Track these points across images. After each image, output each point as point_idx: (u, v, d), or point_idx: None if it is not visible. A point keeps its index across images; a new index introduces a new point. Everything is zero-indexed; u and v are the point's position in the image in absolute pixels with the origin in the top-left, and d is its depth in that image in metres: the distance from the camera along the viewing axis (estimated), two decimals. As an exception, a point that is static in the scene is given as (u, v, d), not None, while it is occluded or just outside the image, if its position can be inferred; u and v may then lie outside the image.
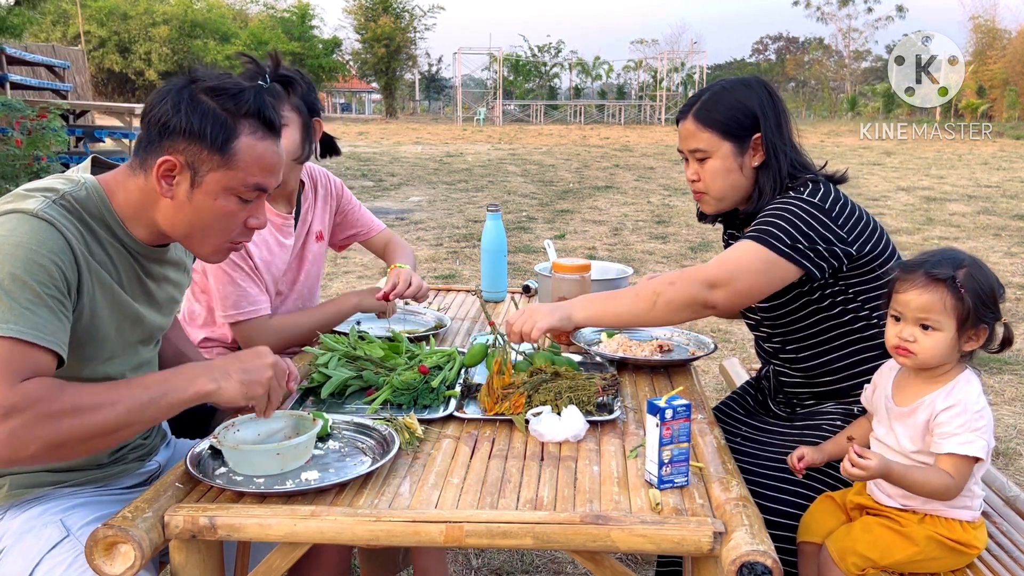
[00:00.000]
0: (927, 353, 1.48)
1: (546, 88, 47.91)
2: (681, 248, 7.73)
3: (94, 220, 1.36)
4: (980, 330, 1.46)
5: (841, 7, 51.74)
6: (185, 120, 1.32)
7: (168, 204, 1.37)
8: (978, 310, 1.44)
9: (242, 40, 37.03)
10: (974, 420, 1.44)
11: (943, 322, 1.45)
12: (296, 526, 1.19)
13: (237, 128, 1.34)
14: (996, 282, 1.47)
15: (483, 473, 1.38)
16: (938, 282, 1.45)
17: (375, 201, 10.82)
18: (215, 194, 1.36)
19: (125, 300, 1.41)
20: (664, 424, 1.30)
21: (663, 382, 1.84)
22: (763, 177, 1.80)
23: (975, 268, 1.46)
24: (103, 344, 1.39)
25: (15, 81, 11.02)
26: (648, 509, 1.25)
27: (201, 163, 1.34)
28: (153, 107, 1.35)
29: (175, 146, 1.33)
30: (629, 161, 17.33)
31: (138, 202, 1.39)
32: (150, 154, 1.35)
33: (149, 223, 1.41)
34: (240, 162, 1.35)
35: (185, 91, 1.34)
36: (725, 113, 1.79)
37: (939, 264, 1.47)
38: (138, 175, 1.37)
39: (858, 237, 1.72)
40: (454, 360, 1.83)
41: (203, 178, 1.34)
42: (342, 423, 1.53)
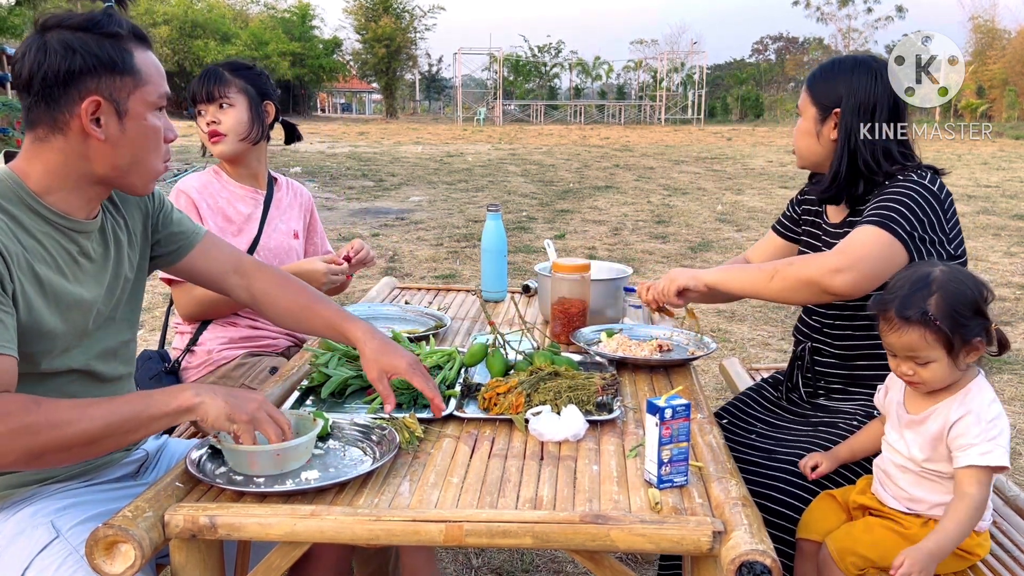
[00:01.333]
0: (931, 381, 1.48)
1: (546, 88, 47.94)
2: (681, 248, 7.73)
3: (14, 206, 1.32)
4: (974, 344, 1.44)
5: (841, 7, 51.73)
6: (88, 58, 1.29)
7: (102, 147, 1.33)
8: (962, 330, 1.42)
9: (242, 40, 37.04)
10: (989, 429, 1.42)
11: (932, 355, 1.45)
12: (296, 526, 1.19)
13: (129, 48, 1.34)
14: (976, 291, 1.44)
15: (483, 472, 1.38)
16: (912, 323, 1.43)
17: (375, 201, 10.83)
18: (142, 115, 1.35)
19: (64, 287, 1.36)
20: (663, 424, 1.30)
21: (663, 382, 1.84)
22: (839, 153, 1.84)
23: (946, 290, 1.43)
24: (53, 338, 1.35)
25: (15, 81, 11.03)
26: (647, 508, 1.26)
27: (119, 91, 1.32)
28: (39, 65, 1.28)
29: (87, 88, 1.30)
30: (629, 161, 17.33)
31: (62, 168, 1.34)
32: (61, 111, 1.30)
33: (77, 186, 1.37)
34: (147, 76, 1.36)
35: (58, 36, 1.29)
36: (823, 80, 1.89)
37: (908, 302, 1.44)
38: (53, 140, 1.32)
39: (955, 237, 1.76)
40: (454, 360, 1.83)
41: (127, 105, 1.33)
42: (342, 422, 1.53)
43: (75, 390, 1.42)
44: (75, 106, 1.30)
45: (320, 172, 14.14)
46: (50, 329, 1.34)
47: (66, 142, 1.33)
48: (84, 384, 1.44)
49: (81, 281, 1.41)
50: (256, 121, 2.26)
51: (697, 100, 42.87)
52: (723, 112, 46.32)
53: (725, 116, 45.45)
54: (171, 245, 1.64)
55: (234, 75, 2.23)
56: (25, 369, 1.32)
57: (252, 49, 36.41)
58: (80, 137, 1.32)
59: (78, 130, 1.32)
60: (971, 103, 35.51)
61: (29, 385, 1.34)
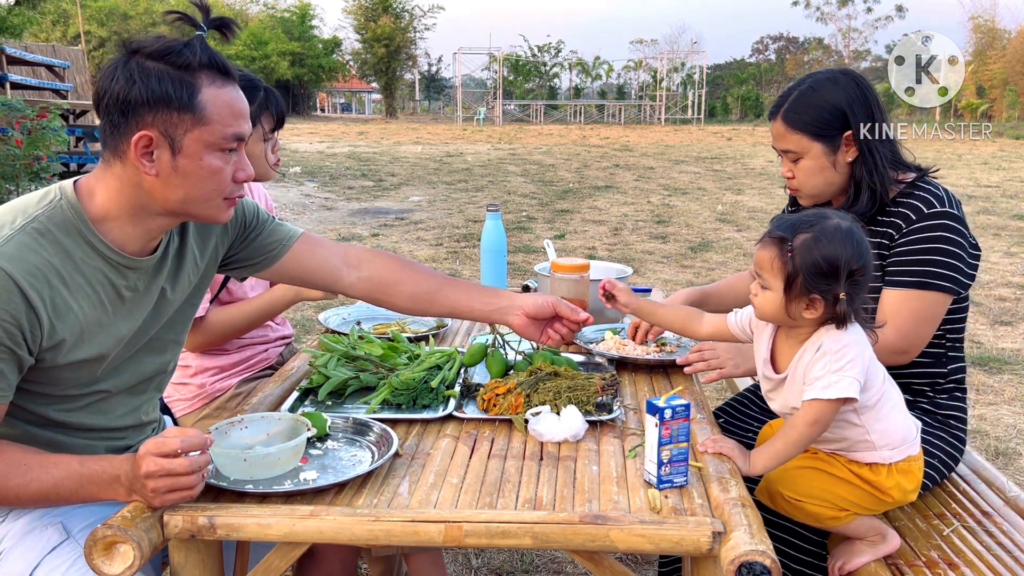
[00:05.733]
0: (759, 308, 1.49)
1: (546, 88, 47.92)
2: (681, 248, 7.72)
3: (68, 237, 1.30)
4: (813, 299, 1.41)
5: (841, 7, 51.78)
6: (144, 90, 1.25)
7: (155, 182, 1.29)
8: (808, 279, 1.39)
9: (242, 40, 37.02)
10: (834, 362, 1.41)
11: (771, 281, 1.44)
12: (295, 526, 1.19)
13: (196, 83, 1.27)
14: (845, 255, 1.39)
15: (482, 473, 1.38)
16: (773, 242, 1.44)
17: (375, 201, 10.83)
18: (199, 155, 1.29)
19: (101, 322, 1.35)
20: (663, 424, 1.30)
21: (663, 382, 1.84)
22: (859, 171, 1.80)
23: (819, 237, 1.40)
24: (82, 370, 1.35)
25: (15, 81, 11.02)
26: (647, 509, 1.25)
27: (175, 128, 1.27)
28: (106, 90, 1.27)
29: (143, 120, 1.26)
30: (629, 161, 17.33)
31: (120, 195, 1.32)
32: (120, 139, 1.28)
33: (135, 216, 1.34)
34: (212, 115, 1.28)
35: (131, 63, 1.26)
36: (813, 114, 1.78)
37: (785, 225, 1.45)
38: (114, 165, 1.30)
39: (975, 259, 1.79)
40: (454, 360, 1.83)
41: (182, 142, 1.28)
42: (340, 423, 1.53)
43: (103, 407, 1.44)
44: (131, 136, 1.27)
45: (319, 172, 14.14)
46: (79, 366, 1.35)
47: (123, 170, 1.30)
48: (111, 401, 1.45)
49: (121, 315, 1.39)
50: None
51: (697, 100, 42.87)
52: (723, 112, 46.31)
53: (725, 116, 45.44)
54: (259, 255, 1.62)
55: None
56: (43, 390, 1.33)
57: (251, 49, 36.42)
58: (135, 168, 1.29)
59: (133, 161, 1.29)
60: (971, 103, 35.51)
61: (46, 403, 1.36)
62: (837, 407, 1.43)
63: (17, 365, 1.26)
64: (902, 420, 1.54)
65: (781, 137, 1.83)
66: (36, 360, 1.29)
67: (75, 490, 1.26)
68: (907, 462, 1.54)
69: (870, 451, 1.52)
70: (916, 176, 1.82)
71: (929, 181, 1.81)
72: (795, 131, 1.79)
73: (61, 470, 1.26)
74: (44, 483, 1.25)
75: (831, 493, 1.53)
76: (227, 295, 2.15)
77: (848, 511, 1.55)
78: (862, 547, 1.57)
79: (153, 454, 1.18)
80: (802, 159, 1.81)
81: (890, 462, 1.52)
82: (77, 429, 1.41)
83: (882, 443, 1.51)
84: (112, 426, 1.46)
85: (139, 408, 1.52)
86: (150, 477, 1.17)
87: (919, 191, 1.77)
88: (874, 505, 1.55)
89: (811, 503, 1.54)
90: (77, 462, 1.27)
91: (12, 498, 1.27)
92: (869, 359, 1.45)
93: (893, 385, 1.55)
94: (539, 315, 1.66)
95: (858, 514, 1.56)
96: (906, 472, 1.54)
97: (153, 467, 1.17)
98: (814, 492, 1.54)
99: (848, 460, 1.54)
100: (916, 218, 1.74)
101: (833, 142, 1.78)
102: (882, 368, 1.52)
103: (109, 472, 1.24)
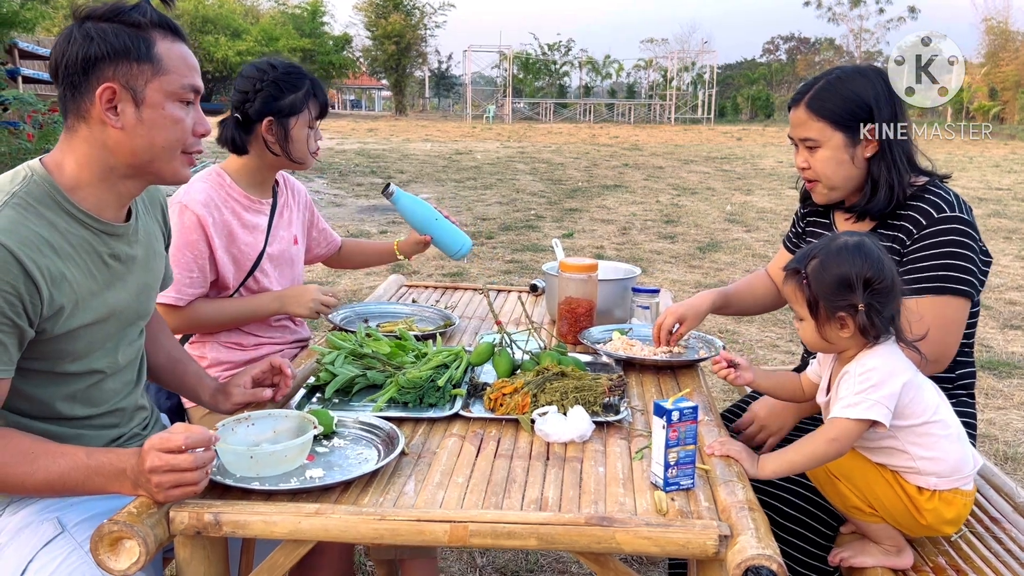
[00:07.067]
0: (804, 340, 1.54)
1: (556, 86, 47.85)
2: (690, 248, 7.70)
3: (50, 211, 1.32)
4: (840, 318, 1.44)
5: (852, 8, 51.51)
6: (103, 45, 1.30)
7: (120, 136, 1.33)
8: (827, 300, 1.44)
9: (253, 36, 37.10)
10: (858, 384, 1.43)
11: (801, 312, 1.50)
12: (301, 524, 1.19)
13: (151, 37, 1.34)
14: (856, 269, 1.42)
15: (488, 473, 1.37)
16: (790, 275, 1.50)
17: (383, 198, 10.82)
18: (161, 103, 1.34)
19: (93, 293, 1.38)
20: (671, 426, 1.29)
21: (670, 383, 1.83)
22: (876, 168, 1.79)
23: (829, 257, 1.45)
24: (78, 342, 1.37)
25: (27, 75, 11.06)
26: (653, 511, 1.25)
27: (136, 79, 1.32)
28: (63, 55, 1.31)
29: (104, 75, 1.31)
30: (638, 160, 17.30)
31: (89, 159, 1.35)
32: (82, 99, 1.32)
33: (105, 179, 1.37)
34: (169, 66, 1.34)
35: (85, 25, 1.32)
36: (839, 103, 1.76)
37: (798, 257, 1.51)
38: (79, 129, 1.34)
39: (986, 264, 1.78)
40: (461, 359, 1.82)
41: (144, 93, 1.33)
42: (347, 420, 1.53)
43: (92, 394, 1.44)
44: (94, 92, 1.31)
45: (329, 168, 14.16)
46: (76, 335, 1.36)
47: (89, 131, 1.34)
48: (104, 384, 1.46)
49: (111, 285, 1.42)
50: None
51: (707, 99, 42.76)
52: (733, 112, 46.19)
53: (735, 116, 45.32)
54: None
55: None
56: (45, 368, 1.34)
57: (262, 45, 36.46)
58: (100, 125, 1.33)
59: (98, 118, 1.33)
60: (983, 105, 35.30)
61: (46, 384, 1.36)
62: (858, 428, 1.42)
63: (18, 338, 1.27)
64: (957, 451, 1.50)
65: (802, 125, 1.81)
66: (37, 332, 1.29)
67: (82, 482, 1.26)
68: (953, 492, 1.50)
69: (917, 475, 1.49)
70: (927, 181, 1.80)
71: (939, 185, 1.79)
72: (818, 118, 1.78)
73: (68, 460, 1.26)
74: (51, 472, 1.26)
75: (870, 489, 1.51)
76: (254, 283, 2.17)
77: (876, 514, 1.52)
78: (873, 550, 1.56)
79: (157, 449, 1.18)
80: (820, 148, 1.79)
81: (936, 489, 1.50)
82: (70, 419, 1.42)
83: (930, 470, 1.49)
84: (103, 411, 1.47)
85: (130, 393, 1.54)
86: (154, 472, 1.18)
87: (929, 195, 1.76)
88: (905, 520, 1.52)
89: (847, 486, 1.52)
90: (84, 453, 1.27)
91: (16, 485, 1.27)
92: (906, 384, 1.43)
93: (951, 413, 1.52)
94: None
95: (885, 520, 1.53)
96: (948, 502, 1.50)
97: (157, 462, 1.18)
98: (855, 478, 1.51)
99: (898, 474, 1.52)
100: (926, 223, 1.73)
101: (854, 135, 1.77)
102: (935, 396, 1.50)
103: (116, 465, 1.25)
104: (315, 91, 2.13)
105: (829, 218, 1.98)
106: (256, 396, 1.64)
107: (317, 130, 2.19)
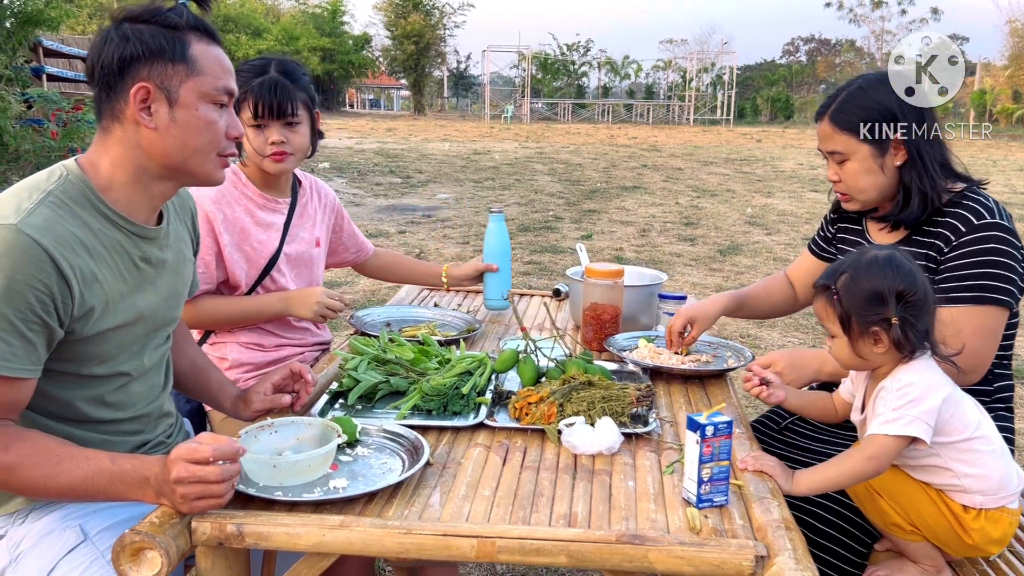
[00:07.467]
0: (836, 358, 1.50)
1: (574, 87, 47.79)
2: (710, 251, 7.64)
3: (84, 210, 1.32)
4: (874, 333, 1.41)
5: (874, 9, 51.09)
6: (139, 45, 1.30)
7: (153, 136, 1.33)
8: (859, 315, 1.41)
9: (273, 35, 37.32)
10: (895, 399, 1.39)
11: (833, 329, 1.47)
12: (324, 536, 1.17)
13: (186, 39, 1.34)
14: (888, 282, 1.39)
15: (515, 485, 1.34)
16: (820, 291, 1.48)
17: (402, 198, 10.84)
18: (194, 104, 1.34)
19: (123, 296, 1.37)
20: (704, 441, 1.25)
21: (698, 392, 1.80)
22: (907, 176, 1.74)
23: (859, 271, 1.42)
24: (105, 345, 1.36)
25: (52, 73, 11.15)
26: (686, 529, 1.21)
27: (170, 79, 1.32)
28: (99, 55, 1.32)
29: (139, 74, 1.31)
30: (657, 161, 17.21)
31: (123, 160, 1.35)
32: (117, 99, 1.32)
33: (138, 180, 1.36)
34: (204, 67, 1.35)
35: (122, 26, 1.32)
36: (861, 115, 1.73)
37: (827, 273, 1.49)
38: (112, 130, 1.34)
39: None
40: (485, 366, 1.79)
41: (178, 93, 1.33)
42: (371, 428, 1.50)
43: (118, 397, 1.43)
44: (128, 93, 1.31)
45: (348, 168, 14.19)
46: (104, 338, 1.35)
47: (123, 132, 1.34)
48: (130, 387, 1.44)
49: (140, 288, 1.41)
50: (313, 136, 2.14)
51: (726, 101, 42.53)
52: (752, 113, 45.90)
53: (754, 117, 45.04)
54: None
55: (297, 88, 2.04)
56: (71, 370, 1.33)
57: (283, 44, 36.69)
58: (134, 126, 1.33)
59: (132, 118, 1.32)
60: (1007, 108, 34.85)
61: (71, 386, 1.35)
62: (898, 445, 1.38)
63: (47, 338, 1.25)
64: (1001, 467, 1.46)
65: (827, 138, 1.78)
66: (66, 333, 1.28)
67: (104, 487, 1.24)
68: (999, 511, 1.46)
69: (962, 494, 1.45)
70: (965, 187, 1.75)
71: (978, 191, 1.75)
72: (843, 131, 1.75)
73: (92, 465, 1.24)
74: (74, 476, 1.24)
75: (913, 507, 1.47)
76: (272, 283, 2.15)
77: (918, 532, 1.48)
78: (911, 569, 1.51)
79: (184, 460, 1.16)
80: (848, 161, 1.76)
81: (982, 507, 1.45)
82: (96, 422, 1.40)
83: (975, 488, 1.45)
84: (128, 416, 1.45)
85: (156, 398, 1.52)
86: (180, 483, 1.16)
87: (967, 201, 1.71)
88: (950, 540, 1.48)
89: (889, 503, 1.48)
90: (108, 459, 1.25)
91: (39, 488, 1.25)
92: (945, 399, 1.40)
93: (993, 428, 1.48)
94: None
95: (926, 539, 1.49)
96: (995, 520, 1.46)
97: (184, 473, 1.16)
98: (897, 494, 1.47)
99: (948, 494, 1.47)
100: (965, 229, 1.68)
101: (882, 144, 1.73)
102: (975, 411, 1.46)
103: (140, 472, 1.23)
104: (255, 90, 2.01)
105: (861, 225, 1.93)
106: (276, 402, 1.62)
107: (270, 129, 2.03)
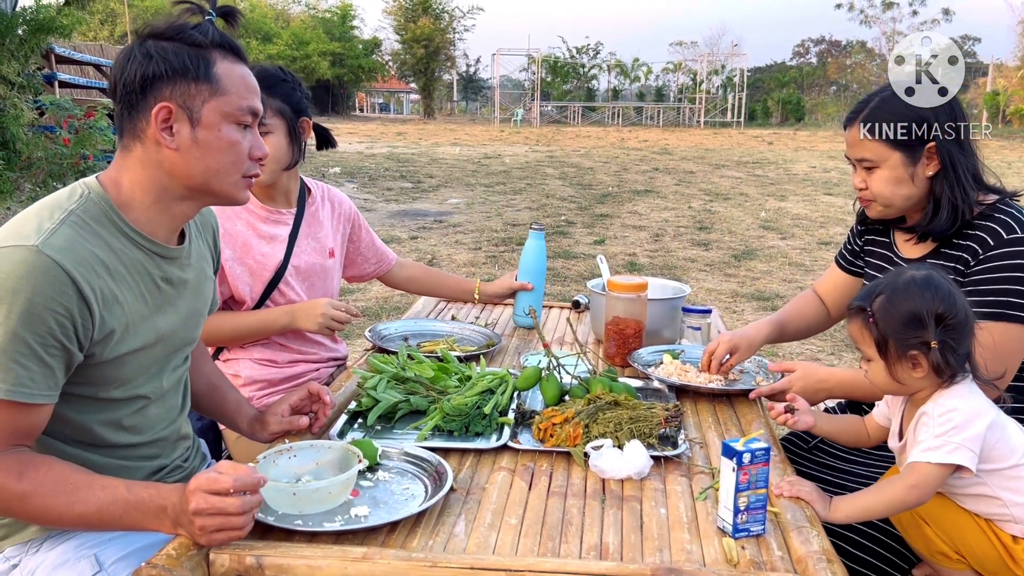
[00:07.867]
0: (873, 383, 1.44)
1: (584, 89, 47.70)
2: (724, 256, 7.57)
3: (105, 229, 1.28)
4: (912, 356, 1.36)
5: (885, 10, 50.77)
6: (162, 64, 1.27)
7: (175, 157, 1.30)
8: (898, 338, 1.36)
9: (283, 40, 37.43)
10: (937, 426, 1.34)
11: (869, 352, 1.42)
12: (347, 569, 1.12)
13: (211, 57, 1.30)
14: (926, 304, 1.35)
15: (542, 513, 1.30)
16: (855, 313, 1.43)
17: (413, 203, 10.81)
18: (217, 125, 1.31)
19: (143, 317, 1.33)
20: (741, 469, 1.20)
21: (727, 412, 1.74)
22: (939, 187, 1.69)
23: (896, 293, 1.38)
24: (126, 365, 1.32)
25: (64, 80, 11.19)
26: (723, 561, 1.16)
27: (193, 99, 1.28)
28: (122, 73, 1.28)
29: (161, 94, 1.27)
30: (668, 165, 17.13)
31: (144, 179, 1.31)
32: (139, 118, 1.29)
33: (159, 200, 1.33)
34: (228, 86, 1.31)
35: (147, 44, 1.28)
36: (889, 119, 1.69)
37: (863, 294, 1.44)
38: (134, 149, 1.31)
39: None
40: (506, 383, 1.75)
41: (200, 113, 1.29)
42: (392, 451, 1.46)
43: (135, 421, 1.39)
44: (150, 112, 1.28)
45: (359, 172, 14.18)
46: (124, 361, 1.32)
47: (144, 152, 1.31)
48: (148, 410, 1.41)
49: (161, 309, 1.38)
50: (294, 144, 2.05)
51: (737, 103, 42.36)
52: (763, 115, 45.68)
53: (765, 119, 44.82)
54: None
55: (270, 94, 1.94)
56: (88, 393, 1.30)
57: (293, 49, 36.78)
58: (155, 146, 1.30)
59: (153, 138, 1.29)
60: (1020, 108, 34.56)
61: (89, 409, 1.31)
62: (941, 473, 1.33)
63: (66, 362, 1.22)
64: None
65: (857, 145, 1.72)
66: (85, 356, 1.25)
67: (120, 516, 1.20)
68: None
69: (1012, 524, 1.40)
70: (997, 199, 1.70)
71: (1011, 204, 1.69)
72: (874, 138, 1.69)
73: (108, 494, 1.20)
74: (89, 505, 1.20)
75: (960, 535, 1.41)
76: (280, 297, 2.11)
77: (964, 561, 1.43)
78: None
79: (204, 491, 1.12)
80: (878, 169, 1.71)
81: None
82: (113, 446, 1.36)
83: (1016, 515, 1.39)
84: (145, 440, 1.42)
85: (174, 421, 1.49)
86: (199, 514, 1.12)
87: (999, 214, 1.66)
88: (999, 570, 1.42)
89: (934, 531, 1.43)
90: (124, 487, 1.21)
91: (54, 517, 1.21)
92: (991, 425, 1.34)
93: None
94: None
95: (972, 568, 1.44)
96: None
97: (203, 504, 1.12)
98: (944, 522, 1.42)
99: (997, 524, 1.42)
100: (994, 243, 1.62)
101: (914, 153, 1.68)
102: (1021, 435, 1.40)
103: (157, 502, 1.19)
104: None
105: (889, 237, 1.88)
106: (293, 425, 1.58)
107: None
